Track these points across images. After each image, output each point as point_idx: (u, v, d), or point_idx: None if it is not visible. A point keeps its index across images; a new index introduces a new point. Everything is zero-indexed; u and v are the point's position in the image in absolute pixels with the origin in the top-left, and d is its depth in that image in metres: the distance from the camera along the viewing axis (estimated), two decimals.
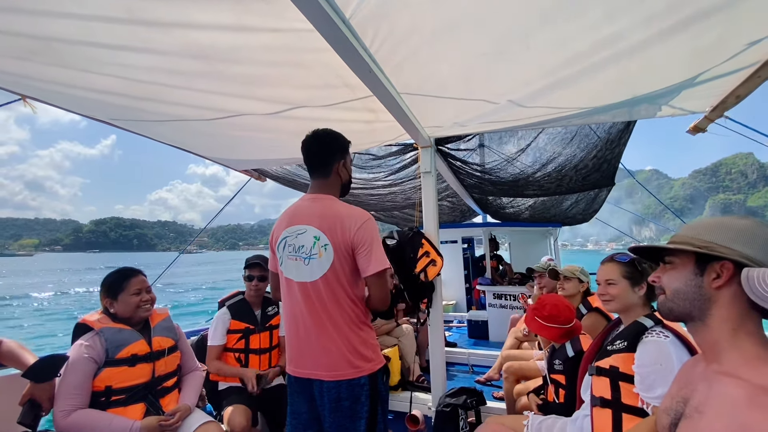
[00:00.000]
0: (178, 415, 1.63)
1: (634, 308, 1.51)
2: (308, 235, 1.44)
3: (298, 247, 1.45)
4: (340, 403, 1.38)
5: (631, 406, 1.31)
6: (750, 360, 0.75)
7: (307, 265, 1.43)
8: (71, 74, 1.71)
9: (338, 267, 1.40)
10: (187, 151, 2.84)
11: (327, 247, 1.40)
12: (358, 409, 1.39)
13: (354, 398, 1.39)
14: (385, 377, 1.51)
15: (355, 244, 1.40)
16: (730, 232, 0.81)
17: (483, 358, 4.13)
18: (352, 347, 1.41)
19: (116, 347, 1.61)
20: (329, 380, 1.39)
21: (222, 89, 1.88)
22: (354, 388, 1.39)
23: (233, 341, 2.20)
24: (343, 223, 1.41)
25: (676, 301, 0.87)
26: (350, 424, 1.38)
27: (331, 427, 1.39)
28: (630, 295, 1.51)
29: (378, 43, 1.54)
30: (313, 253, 1.42)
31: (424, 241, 2.69)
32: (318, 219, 1.44)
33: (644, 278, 1.51)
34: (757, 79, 1.76)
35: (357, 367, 1.40)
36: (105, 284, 1.71)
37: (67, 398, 1.48)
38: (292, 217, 1.51)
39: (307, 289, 1.43)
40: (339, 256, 1.40)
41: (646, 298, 1.51)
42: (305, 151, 1.56)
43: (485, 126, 2.42)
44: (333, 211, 1.45)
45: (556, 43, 1.54)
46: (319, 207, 1.47)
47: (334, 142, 1.57)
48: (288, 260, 1.47)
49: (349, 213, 1.44)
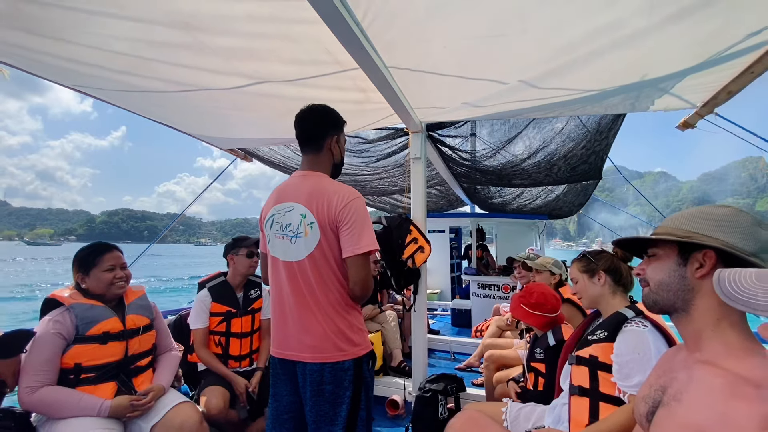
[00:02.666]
0: (151, 395, 1.59)
1: (603, 299, 1.54)
2: (295, 213, 1.38)
3: (285, 225, 1.40)
4: (322, 387, 1.34)
5: (608, 395, 1.32)
6: (733, 350, 0.74)
7: (293, 244, 1.38)
8: (47, 42, 1.61)
9: (325, 246, 1.35)
10: (169, 126, 2.74)
11: (313, 225, 1.35)
12: (340, 393, 1.35)
13: (337, 382, 1.35)
14: (372, 363, 1.47)
15: (340, 221, 1.34)
16: (710, 220, 0.80)
17: (465, 346, 4.16)
18: (338, 330, 1.36)
19: (87, 324, 1.55)
20: (312, 362, 1.35)
21: (204, 63, 1.80)
22: (337, 372, 1.35)
23: (214, 324, 2.14)
24: (330, 199, 1.35)
25: (660, 293, 0.86)
26: (331, 409, 1.35)
27: (311, 411, 1.35)
28: (591, 287, 1.57)
29: (371, 17, 1.48)
30: (299, 231, 1.37)
31: (412, 227, 2.67)
32: (306, 196, 1.38)
33: (599, 268, 1.56)
34: (749, 75, 1.76)
35: (342, 350, 1.36)
36: (77, 258, 1.64)
37: (33, 374, 1.43)
38: (281, 194, 1.45)
39: (293, 268, 1.38)
40: (325, 235, 1.35)
41: (615, 288, 1.53)
42: (298, 124, 1.50)
43: (476, 111, 2.38)
44: (321, 188, 1.39)
45: (554, 26, 1.50)
46: (308, 184, 1.42)
47: (327, 116, 1.51)
48: (275, 239, 1.42)
49: (336, 190, 1.38)
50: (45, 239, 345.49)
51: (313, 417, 1.35)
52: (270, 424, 1.45)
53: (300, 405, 1.42)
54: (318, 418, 1.35)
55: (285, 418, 1.43)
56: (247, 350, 2.19)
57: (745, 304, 0.55)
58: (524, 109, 2.30)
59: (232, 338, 2.15)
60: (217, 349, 2.13)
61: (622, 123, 2.81)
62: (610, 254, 1.58)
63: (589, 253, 1.65)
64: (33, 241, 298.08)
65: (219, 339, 2.14)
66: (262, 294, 2.30)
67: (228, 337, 2.14)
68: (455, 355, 4.12)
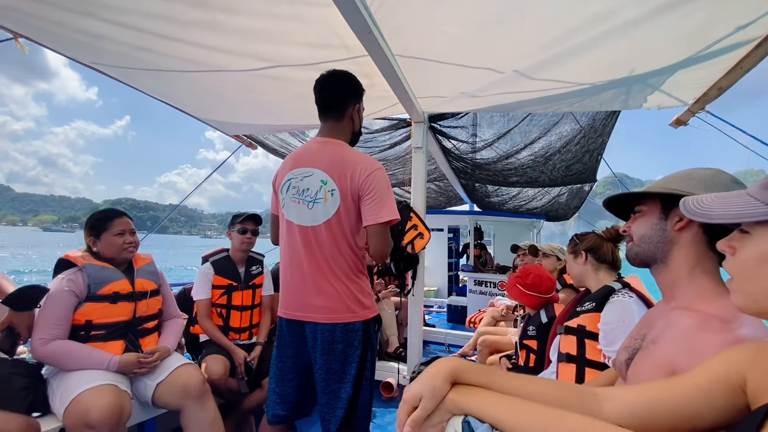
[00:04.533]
0: (157, 354, 1.66)
1: (587, 276, 1.63)
2: (315, 179, 1.41)
3: (302, 190, 1.42)
4: (333, 346, 1.38)
5: (593, 361, 1.39)
6: (704, 294, 0.80)
7: (310, 209, 1.40)
8: (68, 15, 1.68)
9: (343, 214, 1.39)
10: (176, 108, 2.81)
11: (334, 192, 1.38)
12: (350, 353, 1.39)
13: (347, 342, 1.39)
14: (378, 326, 1.53)
15: (363, 190, 1.37)
16: (693, 180, 0.87)
17: (460, 338, 4.23)
18: (350, 293, 1.41)
19: (98, 283, 1.61)
20: (325, 322, 1.39)
21: (220, 43, 1.87)
22: (348, 333, 1.39)
23: (215, 296, 2.21)
24: (354, 169, 1.38)
25: (641, 245, 0.92)
26: (340, 367, 1.39)
27: (321, 368, 1.39)
28: (575, 266, 1.68)
29: (378, 2, 1.55)
30: (318, 197, 1.39)
31: (412, 214, 2.74)
32: (327, 163, 1.40)
33: (580, 248, 1.66)
34: (739, 70, 1.84)
35: (353, 311, 1.40)
36: (89, 222, 1.71)
37: (46, 327, 1.49)
38: (299, 158, 1.47)
39: (307, 233, 1.41)
40: (345, 203, 1.38)
41: (597, 265, 1.62)
42: (319, 88, 1.50)
43: (474, 102, 2.46)
44: (343, 156, 1.41)
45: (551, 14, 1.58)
46: (330, 150, 1.43)
47: (351, 83, 1.52)
48: (291, 202, 1.45)
49: (359, 159, 1.40)
50: (50, 225, 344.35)
51: (323, 375, 1.39)
52: (273, 382, 1.50)
53: (304, 366, 1.46)
54: (328, 376, 1.39)
55: (289, 378, 1.47)
56: (247, 323, 2.26)
57: (703, 215, 0.61)
58: (520, 102, 2.39)
59: (233, 311, 2.22)
60: (219, 320, 2.20)
61: (616, 121, 2.89)
62: (596, 235, 1.66)
63: (577, 235, 1.74)
64: (48, 227, 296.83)
65: (220, 311, 2.21)
66: (263, 271, 2.37)
67: (229, 310, 2.21)
68: (450, 347, 4.19)
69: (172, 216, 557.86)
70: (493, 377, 0.71)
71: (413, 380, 2.30)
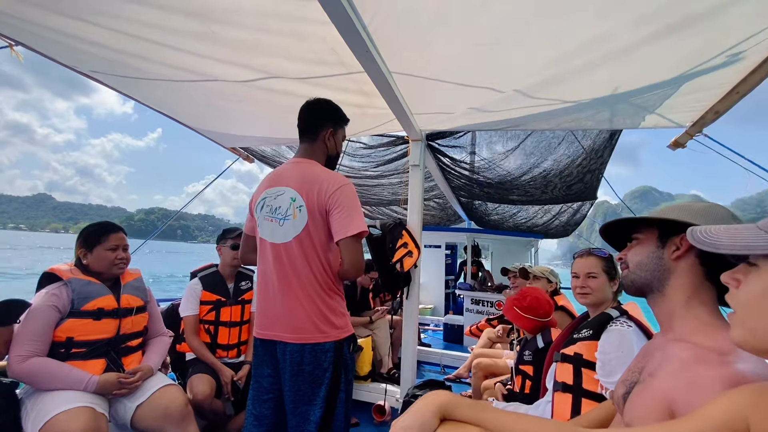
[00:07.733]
0: (139, 374, 1.60)
1: (606, 303, 1.56)
2: (285, 197, 1.44)
3: (275, 209, 1.45)
4: (302, 368, 1.36)
5: (590, 392, 1.34)
6: (701, 327, 0.78)
7: (281, 226, 1.42)
8: (63, 21, 1.68)
9: (312, 229, 1.40)
10: (174, 119, 2.81)
11: (302, 208, 1.40)
12: (318, 375, 1.36)
13: (316, 363, 1.36)
14: (352, 346, 1.49)
15: (330, 205, 1.39)
16: (690, 210, 0.86)
17: (456, 359, 4.14)
18: (320, 312, 1.39)
19: (83, 299, 1.57)
20: (293, 342, 1.37)
21: (215, 52, 1.86)
22: (317, 354, 1.37)
23: (204, 312, 2.16)
24: (321, 185, 1.41)
25: (638, 273, 0.90)
26: (309, 388, 1.36)
27: (290, 390, 1.36)
28: (606, 290, 1.57)
29: (377, 22, 1.55)
30: (288, 213, 1.42)
31: (404, 232, 2.70)
32: (296, 181, 1.44)
33: (617, 275, 1.57)
34: (735, 95, 1.85)
35: (323, 332, 1.38)
36: (83, 234, 1.68)
37: (24, 344, 1.44)
38: (275, 178, 1.51)
39: (279, 250, 1.42)
40: (313, 218, 1.40)
41: (615, 296, 1.57)
42: (299, 113, 1.58)
43: (473, 119, 2.46)
44: (312, 174, 1.45)
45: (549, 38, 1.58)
46: (300, 169, 1.48)
47: (325, 109, 1.59)
48: (264, 221, 1.47)
49: (327, 176, 1.44)
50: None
51: (292, 396, 1.37)
52: (250, 403, 1.46)
53: (280, 386, 1.43)
54: (296, 397, 1.36)
55: (265, 399, 1.44)
56: (235, 340, 2.20)
57: (710, 245, 0.60)
58: (520, 118, 2.38)
59: (221, 327, 2.17)
60: (206, 337, 2.14)
61: (617, 141, 2.90)
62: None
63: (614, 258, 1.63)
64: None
65: (208, 327, 2.15)
66: (252, 287, 2.32)
67: (217, 326, 2.16)
68: (445, 368, 4.09)
69: (201, 225, 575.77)
70: (484, 414, 0.68)
71: (404, 407, 2.22)
